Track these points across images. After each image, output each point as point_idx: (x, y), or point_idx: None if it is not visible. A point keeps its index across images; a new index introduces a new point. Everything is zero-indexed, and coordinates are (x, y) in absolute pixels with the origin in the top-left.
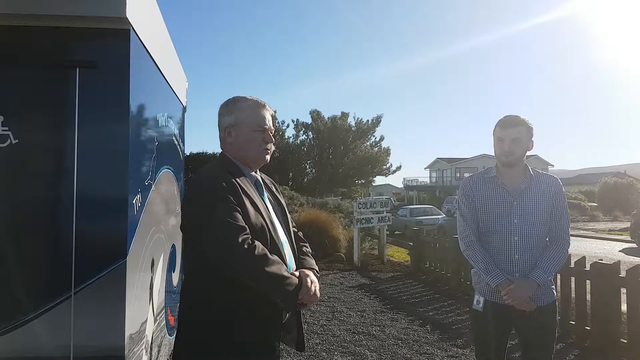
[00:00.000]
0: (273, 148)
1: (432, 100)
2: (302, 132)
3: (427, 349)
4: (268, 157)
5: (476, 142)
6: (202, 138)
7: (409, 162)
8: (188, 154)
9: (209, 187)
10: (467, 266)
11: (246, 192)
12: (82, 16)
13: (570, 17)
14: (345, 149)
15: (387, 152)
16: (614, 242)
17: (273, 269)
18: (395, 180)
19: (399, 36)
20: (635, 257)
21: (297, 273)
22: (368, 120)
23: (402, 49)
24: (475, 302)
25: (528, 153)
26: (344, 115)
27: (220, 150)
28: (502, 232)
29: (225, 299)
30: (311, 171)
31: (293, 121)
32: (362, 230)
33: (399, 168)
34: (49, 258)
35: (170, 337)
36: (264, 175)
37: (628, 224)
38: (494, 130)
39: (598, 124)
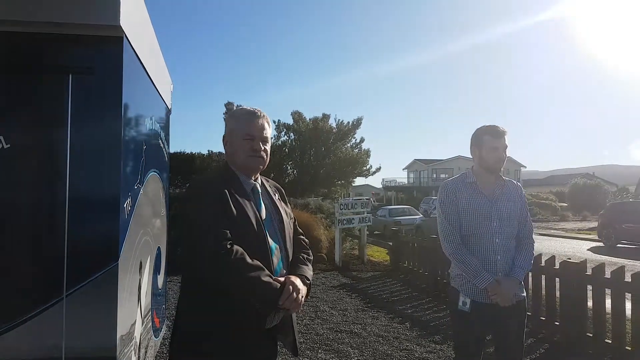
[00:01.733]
0: (265, 156)
1: (410, 103)
2: (283, 133)
3: (406, 345)
4: (259, 164)
5: (451, 144)
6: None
7: (387, 163)
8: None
9: (195, 193)
10: (444, 265)
11: (235, 199)
12: (75, 23)
13: (546, 22)
14: (326, 150)
15: (367, 153)
16: (583, 241)
17: (252, 273)
18: (375, 181)
19: (380, 40)
20: (601, 256)
21: (281, 279)
22: (349, 122)
23: (382, 53)
24: (461, 303)
25: None
26: (325, 116)
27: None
28: (484, 235)
29: (213, 303)
30: (293, 172)
31: (274, 122)
32: (343, 230)
33: (378, 169)
34: (41, 261)
35: (155, 339)
36: (269, 183)
37: (596, 224)
38: (481, 139)
39: (569, 127)
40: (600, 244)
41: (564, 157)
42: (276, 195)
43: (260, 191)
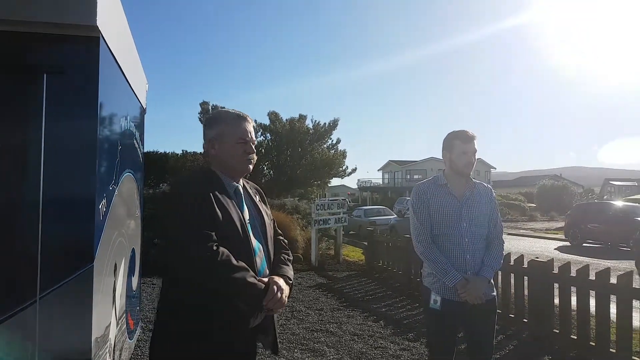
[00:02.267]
0: (255, 158)
1: (385, 105)
2: (260, 133)
3: (381, 343)
4: (250, 167)
5: (424, 146)
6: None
7: (363, 164)
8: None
9: (179, 196)
10: (417, 264)
11: (219, 200)
12: (51, 23)
13: (515, 27)
14: (303, 150)
15: (343, 154)
16: (550, 240)
17: (238, 275)
18: (350, 181)
19: (354, 45)
20: (568, 255)
21: (265, 279)
22: (325, 123)
23: (356, 57)
24: (432, 301)
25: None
26: (302, 117)
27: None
28: (454, 235)
29: (196, 305)
30: (269, 172)
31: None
32: (319, 231)
33: (354, 170)
34: (14, 262)
35: (130, 341)
36: (249, 184)
37: (563, 224)
38: (451, 143)
39: (537, 130)
40: (567, 243)
41: (533, 159)
42: (257, 196)
43: (242, 193)
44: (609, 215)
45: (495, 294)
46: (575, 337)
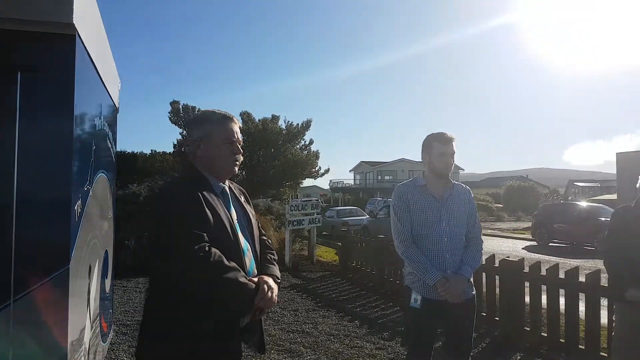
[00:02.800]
0: (241, 159)
1: (357, 107)
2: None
3: (357, 343)
4: (237, 168)
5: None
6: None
7: (335, 165)
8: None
9: (169, 198)
10: (390, 264)
11: (209, 201)
12: (26, 20)
13: (485, 31)
14: (275, 151)
15: (316, 155)
16: (518, 240)
17: (230, 275)
18: (322, 182)
19: (326, 47)
20: (535, 254)
21: (255, 279)
22: (298, 124)
23: (331, 59)
24: (412, 300)
25: None
26: (275, 118)
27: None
28: (433, 235)
29: (186, 307)
30: (241, 173)
31: None
32: (292, 231)
33: (327, 171)
34: None
35: (103, 344)
36: (234, 185)
37: (530, 224)
38: (430, 145)
39: (504, 132)
40: (534, 242)
41: (500, 160)
42: (242, 197)
43: (229, 193)
44: (574, 216)
45: (474, 292)
46: (546, 335)
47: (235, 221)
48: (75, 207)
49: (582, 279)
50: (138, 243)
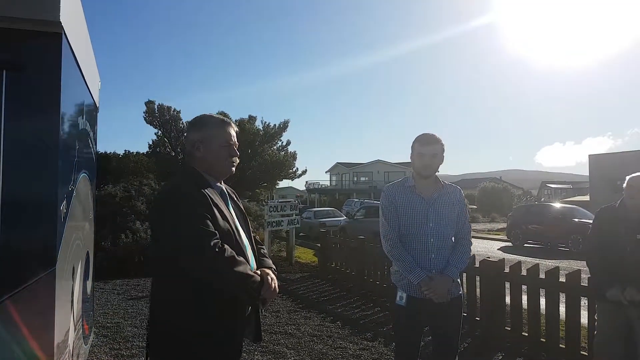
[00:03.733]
0: (238, 161)
1: (333, 109)
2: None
3: (340, 344)
4: (233, 169)
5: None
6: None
7: (311, 166)
8: None
9: (180, 198)
10: (370, 265)
11: (214, 200)
12: (12, 17)
13: (462, 33)
14: (252, 152)
15: (293, 156)
16: (493, 241)
17: (240, 268)
18: (298, 183)
19: (304, 49)
20: (511, 255)
21: (258, 272)
22: (275, 125)
23: (307, 60)
24: (398, 298)
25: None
26: (252, 118)
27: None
28: (420, 235)
29: (195, 301)
30: None
31: None
32: (271, 232)
33: (304, 172)
34: None
35: (85, 346)
36: (225, 186)
37: (504, 225)
38: (413, 146)
39: (478, 133)
40: (509, 243)
41: (474, 161)
42: (234, 196)
43: (227, 193)
44: (549, 217)
45: (461, 292)
46: (527, 334)
47: (236, 219)
48: (61, 208)
49: (562, 279)
50: (114, 244)
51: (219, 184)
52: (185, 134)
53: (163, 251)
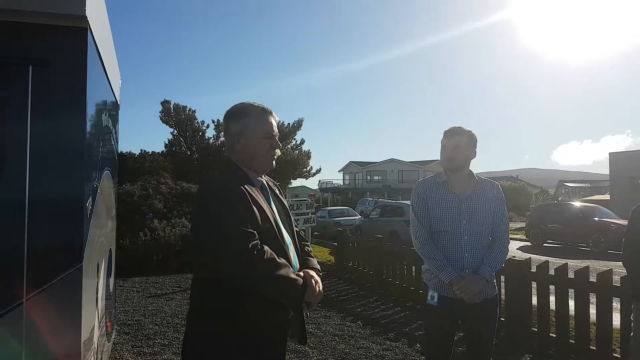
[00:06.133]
0: (279, 153)
1: (347, 107)
2: (222, 133)
3: (362, 344)
4: (274, 162)
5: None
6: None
7: (324, 165)
8: None
9: (217, 195)
10: (389, 264)
11: (253, 197)
12: (38, 12)
13: (479, 28)
14: None
15: (308, 155)
16: (512, 241)
17: (281, 272)
18: (311, 182)
19: (319, 47)
20: (530, 254)
21: (301, 274)
22: (289, 124)
23: (320, 59)
24: (429, 297)
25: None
26: None
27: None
28: (452, 232)
29: (236, 303)
30: None
31: (213, 121)
32: None
33: (318, 171)
34: None
35: (108, 343)
36: (267, 178)
37: (523, 224)
38: (441, 140)
39: (494, 132)
40: (528, 243)
41: (489, 160)
42: (276, 190)
43: (267, 187)
44: (569, 216)
45: (496, 293)
46: (554, 335)
47: (277, 215)
48: (87, 205)
49: (591, 279)
50: (133, 242)
51: (259, 177)
52: (223, 127)
53: (198, 251)
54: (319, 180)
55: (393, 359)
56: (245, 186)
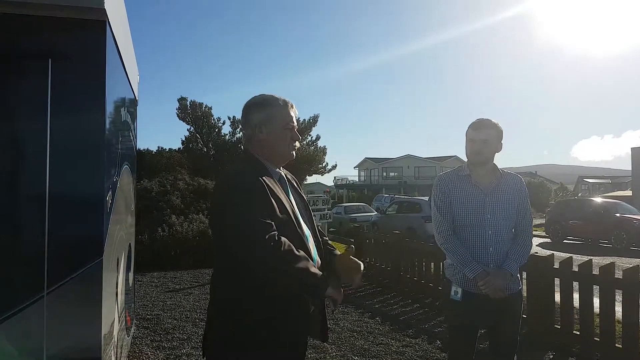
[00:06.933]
0: (299, 145)
1: (363, 104)
2: (239, 129)
3: (382, 340)
4: (294, 153)
5: (401, 143)
6: None
7: (339, 162)
8: None
9: (235, 186)
10: (407, 261)
11: (272, 189)
12: (56, 4)
13: (493, 24)
14: None
15: (323, 151)
16: None
17: (300, 264)
18: (326, 179)
19: (334, 43)
20: (550, 251)
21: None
22: (305, 120)
23: (336, 55)
24: (453, 292)
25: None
26: None
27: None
28: (476, 227)
29: (256, 297)
30: None
31: (229, 118)
32: None
33: (334, 167)
34: (19, 257)
35: (127, 338)
36: (285, 171)
37: (542, 221)
38: (466, 132)
39: (512, 126)
40: (548, 239)
41: (508, 156)
42: (294, 182)
43: (286, 180)
44: (590, 212)
45: (520, 288)
46: (578, 333)
47: (296, 207)
48: (107, 198)
49: (617, 275)
50: (151, 238)
51: (278, 169)
52: (242, 118)
53: (217, 243)
54: (334, 177)
55: (413, 355)
56: (264, 177)
